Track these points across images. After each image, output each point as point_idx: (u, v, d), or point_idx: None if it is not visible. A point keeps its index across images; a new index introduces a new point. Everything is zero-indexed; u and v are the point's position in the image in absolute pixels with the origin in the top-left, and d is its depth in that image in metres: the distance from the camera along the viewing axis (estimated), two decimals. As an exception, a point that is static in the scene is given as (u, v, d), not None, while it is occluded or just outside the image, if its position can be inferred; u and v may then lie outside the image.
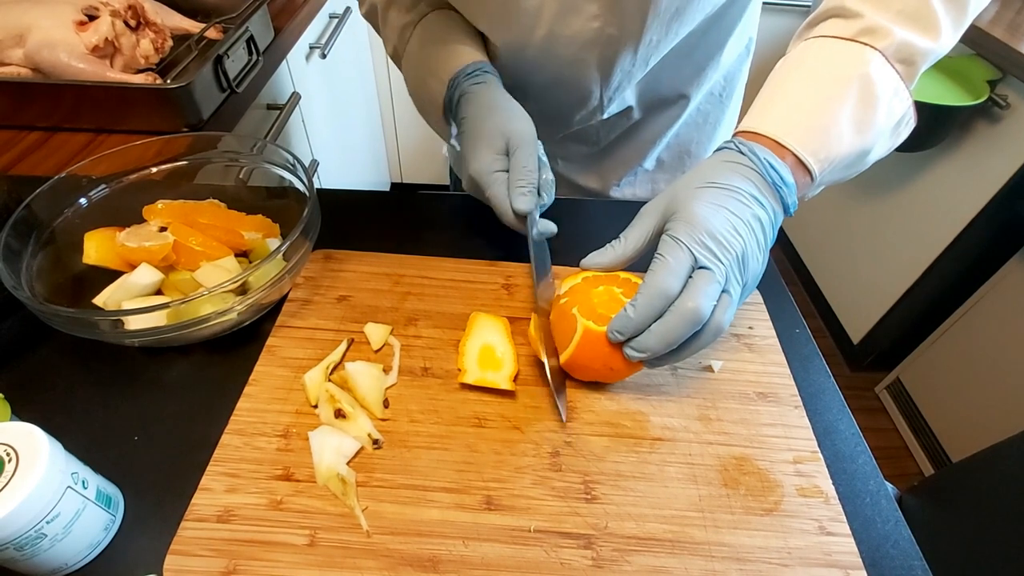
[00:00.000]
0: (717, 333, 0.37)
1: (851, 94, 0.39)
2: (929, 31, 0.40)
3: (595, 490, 0.37)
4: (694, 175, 0.40)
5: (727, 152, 0.40)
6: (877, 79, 0.39)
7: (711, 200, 0.38)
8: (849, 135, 0.39)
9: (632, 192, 0.73)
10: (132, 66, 0.75)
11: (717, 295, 0.36)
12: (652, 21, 0.49)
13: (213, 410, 0.40)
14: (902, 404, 1.51)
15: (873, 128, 0.40)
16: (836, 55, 0.40)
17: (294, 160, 0.49)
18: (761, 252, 0.38)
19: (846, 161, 0.40)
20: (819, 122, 0.39)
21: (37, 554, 0.30)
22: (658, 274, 0.36)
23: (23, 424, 0.31)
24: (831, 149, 0.39)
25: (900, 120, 0.42)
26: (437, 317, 0.48)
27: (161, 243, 0.44)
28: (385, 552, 0.34)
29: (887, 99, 0.40)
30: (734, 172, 0.39)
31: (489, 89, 0.51)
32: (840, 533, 0.36)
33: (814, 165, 0.39)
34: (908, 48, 0.40)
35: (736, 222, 0.37)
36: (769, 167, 0.38)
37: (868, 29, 0.40)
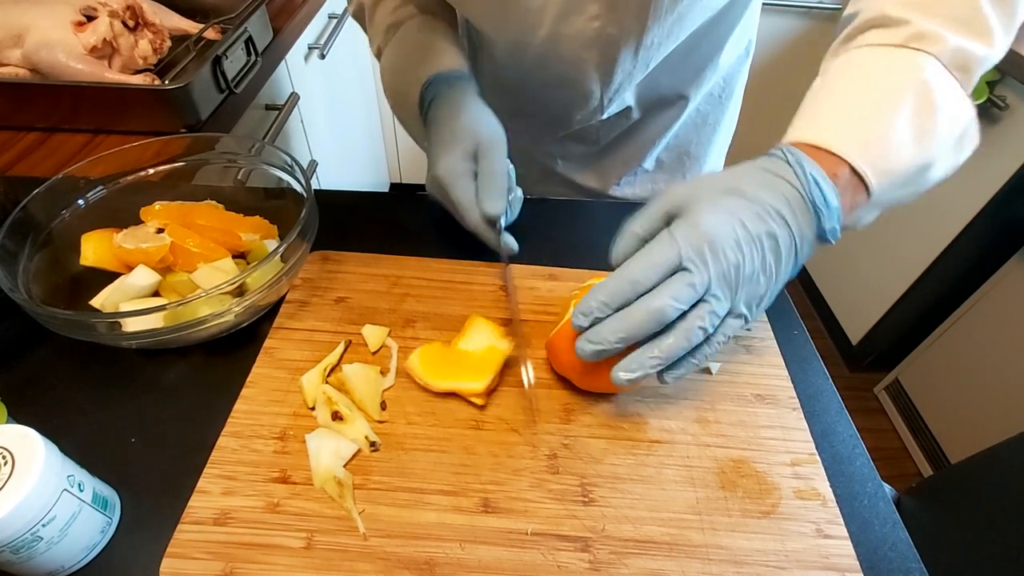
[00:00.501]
0: (687, 338, 0.34)
1: (908, 100, 0.35)
2: (983, 36, 0.37)
3: (592, 493, 0.37)
4: (726, 176, 0.37)
5: (771, 159, 0.37)
6: (935, 85, 0.36)
7: (726, 207, 0.35)
8: (909, 146, 0.35)
9: (632, 192, 0.73)
10: (130, 67, 0.75)
11: (689, 300, 0.34)
12: (653, 22, 0.49)
13: (210, 412, 0.40)
14: (901, 405, 1.51)
15: (934, 138, 0.36)
16: (887, 62, 0.37)
17: (292, 161, 0.49)
18: (766, 274, 0.35)
19: (906, 175, 0.36)
20: (876, 130, 0.35)
21: (33, 557, 0.30)
22: (636, 261, 0.35)
23: (19, 427, 0.31)
24: (890, 160, 0.35)
25: (963, 132, 0.38)
26: (435, 319, 0.48)
27: (158, 245, 0.44)
28: (382, 555, 0.34)
29: (947, 107, 0.36)
30: (768, 184, 0.35)
31: (463, 94, 0.51)
32: (838, 536, 0.36)
33: (872, 178, 0.35)
34: (963, 54, 0.36)
35: (743, 235, 0.34)
36: (813, 184, 0.35)
37: (919, 35, 0.36)
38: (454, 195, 0.47)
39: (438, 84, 0.52)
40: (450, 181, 0.47)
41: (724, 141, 0.73)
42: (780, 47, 1.66)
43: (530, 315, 0.49)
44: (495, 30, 0.53)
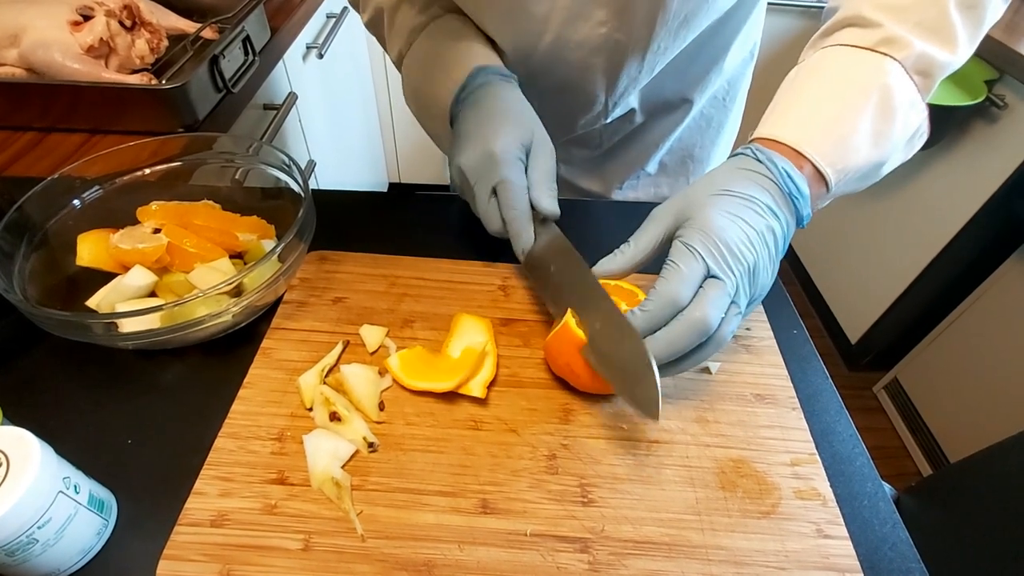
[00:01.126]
0: (719, 345, 0.36)
1: (870, 104, 0.38)
2: (947, 43, 0.39)
3: (592, 493, 0.37)
4: (708, 181, 0.39)
5: (743, 159, 0.40)
6: (896, 90, 0.39)
7: (726, 209, 0.37)
8: (867, 146, 0.39)
9: (634, 195, 0.72)
10: (127, 66, 0.75)
11: (726, 307, 0.35)
12: (660, 28, 0.49)
13: (207, 413, 0.40)
14: (900, 404, 1.52)
15: (890, 139, 0.39)
16: (855, 64, 0.40)
17: (289, 161, 0.49)
18: (771, 265, 0.38)
19: (861, 172, 0.40)
20: (838, 132, 0.39)
21: (29, 559, 0.30)
22: (670, 282, 0.36)
23: (14, 429, 0.31)
24: (848, 160, 0.39)
25: (915, 132, 0.41)
26: (433, 319, 0.47)
27: (155, 245, 0.44)
28: (380, 556, 0.34)
29: (904, 110, 0.39)
30: (750, 180, 0.38)
31: (515, 87, 0.49)
32: (838, 536, 0.36)
33: (831, 176, 0.38)
34: (926, 60, 0.39)
35: (751, 233, 0.36)
36: (787, 177, 0.38)
37: (887, 39, 0.39)
38: (506, 175, 0.43)
39: (487, 75, 0.48)
40: (504, 159, 0.43)
41: (727, 144, 0.73)
42: (784, 47, 1.65)
43: (529, 315, 0.48)
44: (500, 34, 0.53)
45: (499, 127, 0.44)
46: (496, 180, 0.43)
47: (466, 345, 0.44)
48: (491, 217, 0.44)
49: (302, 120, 1.13)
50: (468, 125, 0.46)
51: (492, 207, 0.44)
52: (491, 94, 0.47)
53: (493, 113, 0.46)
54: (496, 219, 0.44)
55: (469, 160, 0.45)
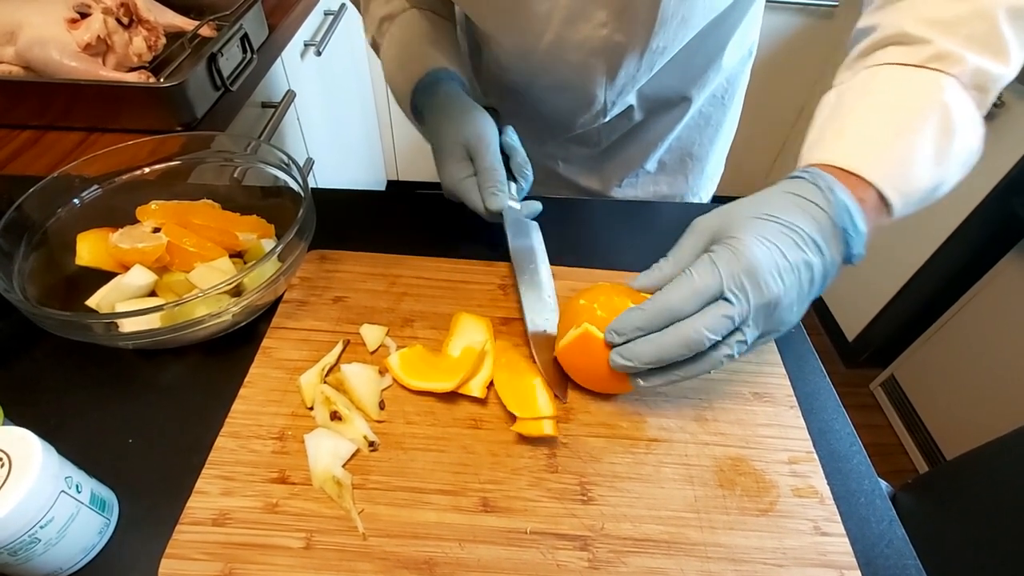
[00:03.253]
0: (714, 366, 0.35)
1: (931, 124, 0.36)
2: (1000, 55, 0.37)
3: (591, 491, 0.38)
4: (757, 201, 0.37)
5: (799, 183, 0.37)
6: (954, 107, 0.36)
7: (763, 234, 0.35)
8: (930, 168, 0.36)
9: (633, 193, 0.73)
10: (125, 64, 0.74)
11: (726, 331, 0.34)
12: (660, 28, 0.49)
13: (208, 413, 0.40)
14: (897, 401, 1.52)
15: (951, 159, 0.37)
16: (909, 82, 0.37)
17: (288, 160, 0.49)
18: (799, 302, 0.35)
19: (923, 195, 0.37)
20: (900, 154, 0.36)
21: (31, 559, 0.30)
22: (676, 290, 0.35)
23: (16, 429, 0.31)
24: (911, 183, 0.36)
25: (973, 150, 0.39)
26: (433, 318, 0.47)
27: (155, 244, 0.44)
28: (381, 555, 0.34)
29: (964, 128, 0.37)
30: (801, 209, 0.35)
31: (443, 99, 0.52)
32: (835, 533, 0.37)
33: (895, 201, 0.36)
34: (982, 74, 0.37)
35: (783, 265, 0.34)
36: (844, 211, 0.35)
37: (939, 55, 0.37)
38: (466, 201, 0.50)
39: (426, 88, 0.53)
40: (457, 191, 0.50)
41: (726, 142, 0.73)
42: (776, 45, 1.66)
43: (528, 314, 0.48)
44: (500, 33, 0.53)
45: (440, 159, 0.51)
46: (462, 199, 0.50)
47: (466, 344, 0.44)
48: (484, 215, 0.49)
49: (300, 118, 1.13)
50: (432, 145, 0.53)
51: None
52: (430, 114, 0.53)
53: (435, 141, 0.52)
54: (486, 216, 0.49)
55: (444, 191, 0.53)
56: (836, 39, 1.64)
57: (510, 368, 0.43)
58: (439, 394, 0.42)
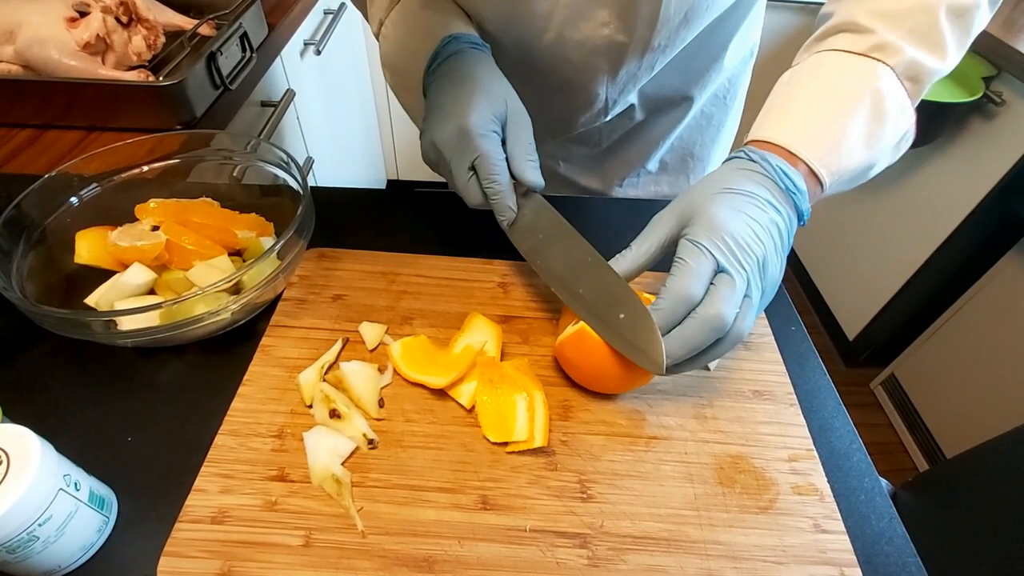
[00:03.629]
0: (737, 340, 0.36)
1: (863, 108, 0.39)
2: (937, 51, 0.40)
3: (591, 489, 0.37)
4: (708, 182, 0.40)
5: (739, 160, 0.40)
6: (887, 94, 0.39)
7: (729, 205, 0.37)
8: (859, 149, 0.40)
9: (634, 193, 0.72)
10: (124, 63, 0.74)
11: (739, 301, 0.35)
12: (662, 27, 0.49)
13: (207, 410, 0.40)
14: (897, 400, 1.52)
15: (881, 142, 0.40)
16: (849, 69, 0.41)
17: (288, 158, 0.48)
18: (779, 258, 0.38)
19: (854, 174, 0.41)
20: (832, 135, 0.39)
21: (30, 556, 0.30)
22: (680, 278, 0.35)
23: (14, 426, 0.31)
24: (842, 162, 0.39)
25: (903, 136, 0.42)
26: (432, 316, 0.47)
27: (154, 242, 0.44)
28: (380, 552, 0.34)
29: (895, 115, 0.40)
30: (748, 179, 0.38)
31: (487, 59, 0.47)
32: (835, 531, 0.37)
33: (826, 176, 0.39)
34: (917, 66, 0.40)
35: (756, 227, 0.37)
36: (782, 173, 0.38)
37: (880, 45, 0.40)
38: (484, 148, 0.41)
39: (459, 42, 0.47)
40: (478, 133, 0.41)
41: (727, 142, 0.73)
42: (780, 44, 1.65)
43: (528, 312, 0.48)
44: (501, 31, 0.53)
45: (471, 100, 0.42)
46: (474, 155, 0.41)
47: (468, 343, 0.44)
48: (471, 192, 0.43)
49: (300, 117, 1.13)
50: (441, 98, 0.44)
51: (472, 183, 0.42)
52: (462, 65, 0.45)
53: (463, 86, 0.43)
54: (476, 193, 0.43)
55: (443, 135, 0.43)
56: (836, 38, 1.64)
57: (493, 386, 0.41)
58: (437, 391, 0.42)
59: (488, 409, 0.40)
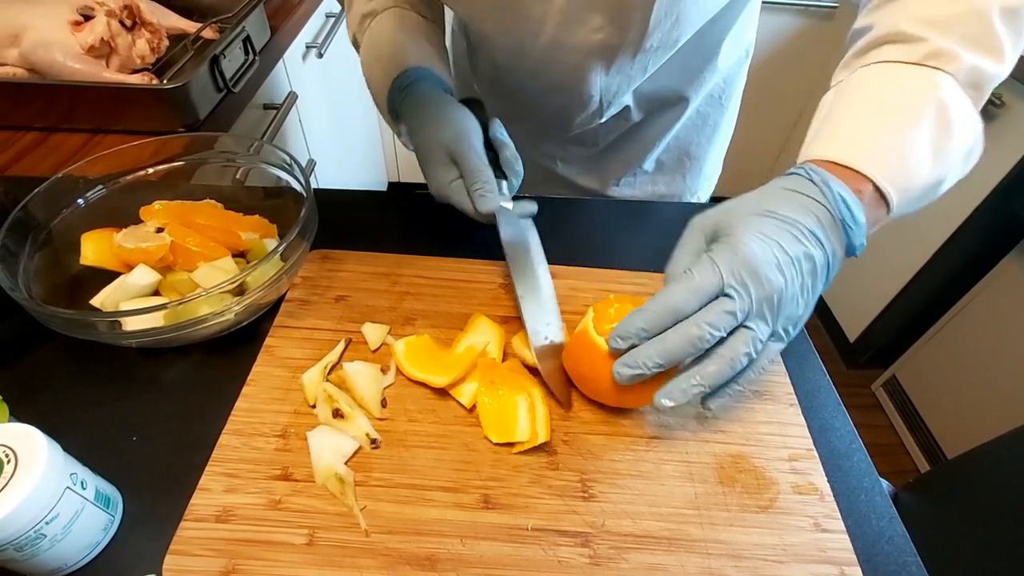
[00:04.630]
0: (731, 366, 0.33)
1: (928, 119, 0.36)
2: (994, 54, 0.38)
3: (592, 488, 0.38)
4: (756, 198, 0.37)
5: (796, 179, 0.37)
6: (951, 103, 0.36)
7: (762, 230, 0.35)
8: (928, 163, 0.36)
9: (631, 192, 0.73)
10: (128, 66, 0.75)
11: (729, 326, 0.33)
12: (653, 30, 0.49)
13: (211, 410, 0.40)
14: (898, 401, 1.52)
15: (949, 155, 0.37)
16: (906, 79, 0.38)
17: (291, 160, 0.49)
18: (804, 295, 0.35)
19: (923, 190, 0.37)
20: (898, 149, 0.36)
21: (36, 554, 0.30)
22: (675, 288, 0.34)
23: (22, 425, 0.31)
24: (910, 178, 0.36)
25: (971, 148, 0.39)
26: (435, 317, 0.48)
27: (158, 244, 0.44)
28: (383, 551, 0.34)
29: (962, 124, 0.37)
30: (798, 203, 0.35)
31: (421, 99, 0.51)
32: (835, 530, 0.37)
33: (893, 195, 0.36)
34: (977, 72, 0.37)
35: (783, 259, 0.34)
36: (841, 202, 0.35)
37: (935, 53, 0.37)
38: (456, 205, 0.48)
39: (403, 90, 0.52)
40: (445, 195, 0.48)
41: (723, 142, 0.73)
42: (775, 46, 1.66)
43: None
44: (496, 34, 0.53)
45: (425, 164, 0.50)
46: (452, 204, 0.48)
47: (470, 344, 0.44)
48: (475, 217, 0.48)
49: (302, 119, 1.13)
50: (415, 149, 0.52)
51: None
52: (411, 116, 0.51)
53: (418, 146, 0.51)
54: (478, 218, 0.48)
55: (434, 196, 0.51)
56: (836, 40, 1.64)
57: (494, 387, 0.41)
58: (439, 390, 0.42)
59: (490, 410, 0.40)
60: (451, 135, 0.48)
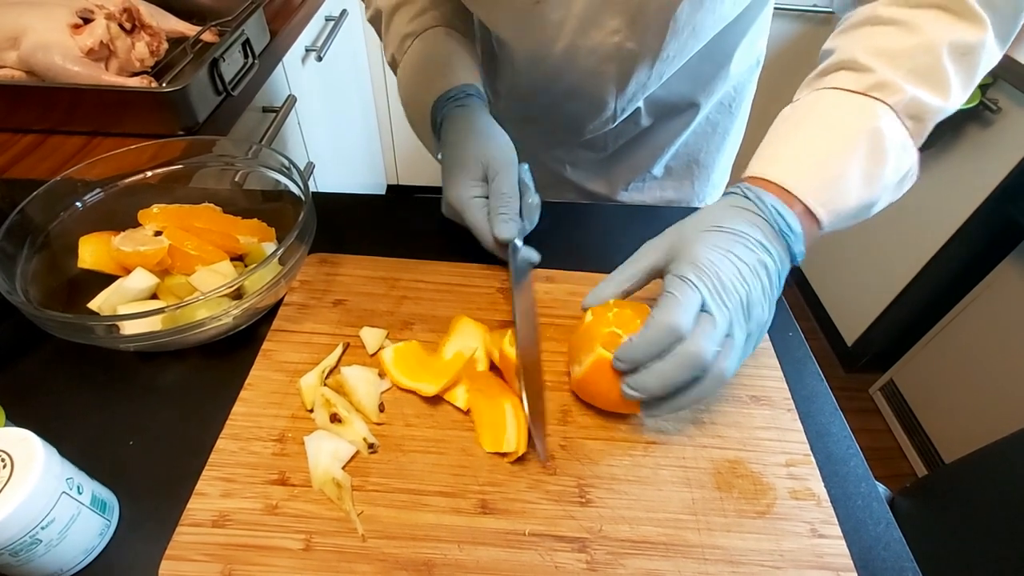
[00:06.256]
0: (719, 381, 0.36)
1: (861, 147, 0.39)
2: (939, 90, 0.40)
3: (589, 493, 0.38)
4: (699, 218, 0.40)
5: (733, 197, 0.40)
6: (887, 133, 0.39)
7: (717, 244, 0.37)
8: (857, 188, 0.39)
9: (640, 198, 0.73)
10: (127, 69, 0.75)
11: (720, 340, 0.35)
12: (671, 38, 0.49)
13: (208, 414, 0.40)
14: (895, 405, 1.52)
15: (880, 181, 0.40)
16: (847, 107, 0.40)
17: (289, 164, 0.49)
18: (766, 300, 0.37)
19: (852, 212, 0.40)
20: (829, 173, 0.39)
21: (32, 560, 0.30)
22: (668, 309, 0.35)
23: (18, 430, 0.31)
24: (839, 201, 0.39)
25: (905, 174, 0.42)
26: (432, 321, 0.48)
27: (156, 247, 0.44)
28: (380, 556, 0.34)
29: (895, 153, 0.39)
30: (740, 217, 0.38)
31: (470, 113, 0.51)
32: (832, 535, 0.37)
33: (823, 215, 0.38)
34: (918, 105, 0.39)
35: (742, 267, 0.36)
36: (776, 214, 0.38)
37: (879, 84, 0.39)
38: (468, 220, 0.48)
39: (449, 102, 0.52)
40: (462, 207, 0.48)
41: (732, 150, 0.74)
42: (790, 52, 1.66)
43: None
44: (515, 39, 0.54)
45: (451, 175, 0.49)
46: (464, 224, 0.49)
47: (458, 349, 0.44)
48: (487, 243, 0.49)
49: (301, 123, 1.13)
50: (443, 161, 0.51)
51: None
52: (450, 129, 0.51)
53: (450, 155, 0.50)
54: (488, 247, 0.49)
55: (444, 208, 0.52)
56: (834, 45, 1.65)
57: (483, 396, 0.41)
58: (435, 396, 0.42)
59: (484, 420, 0.40)
60: (494, 153, 0.48)
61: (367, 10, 0.63)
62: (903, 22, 0.40)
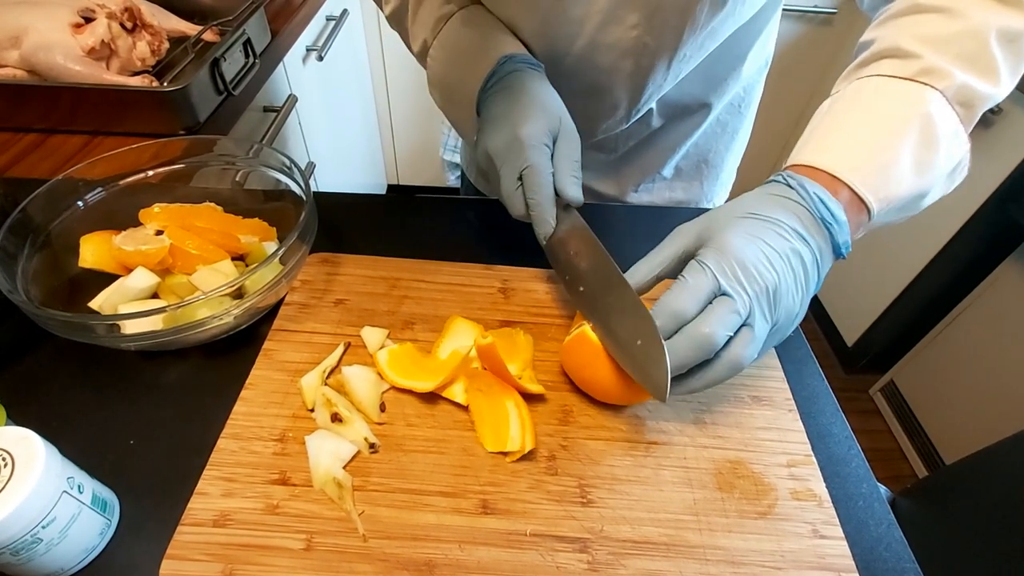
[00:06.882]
0: (733, 367, 0.35)
1: (912, 132, 0.37)
2: (988, 75, 0.39)
3: (591, 494, 0.38)
4: (736, 204, 0.39)
5: (774, 185, 0.39)
6: (938, 119, 0.37)
7: (748, 230, 0.36)
8: (909, 175, 0.37)
9: (649, 199, 0.73)
10: (128, 68, 0.75)
11: (735, 325, 0.34)
12: (688, 36, 0.49)
13: (209, 414, 0.40)
14: (896, 406, 1.52)
15: (932, 170, 0.38)
16: (895, 93, 0.39)
17: (290, 163, 0.49)
18: (799, 290, 0.36)
19: (903, 202, 0.38)
20: (879, 159, 0.37)
21: (33, 559, 0.30)
22: (674, 293, 0.35)
23: (19, 429, 0.31)
24: (890, 188, 0.37)
25: (957, 164, 0.40)
26: (434, 321, 0.48)
27: (157, 247, 0.44)
28: (381, 556, 0.34)
29: (948, 140, 0.38)
30: (778, 205, 0.37)
31: (543, 77, 0.49)
32: (833, 536, 0.37)
33: (873, 203, 0.37)
34: (968, 91, 0.38)
35: (771, 254, 0.35)
36: (819, 202, 0.36)
37: (927, 69, 0.38)
38: (533, 159, 0.44)
39: (514, 63, 0.50)
40: (531, 144, 0.44)
41: (740, 149, 0.74)
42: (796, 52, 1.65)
43: (528, 318, 0.49)
44: (534, 37, 0.53)
45: (527, 113, 0.45)
46: (523, 165, 0.44)
47: (454, 348, 0.44)
48: (515, 201, 0.45)
49: (302, 122, 1.13)
50: (496, 110, 0.47)
51: (518, 193, 0.45)
52: (519, 82, 0.48)
53: (521, 100, 0.46)
54: (520, 203, 0.45)
55: (497, 144, 0.46)
56: (834, 45, 1.65)
57: (484, 395, 0.41)
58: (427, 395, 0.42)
59: (485, 419, 0.40)
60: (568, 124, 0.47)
61: (385, 7, 0.60)
62: (948, 9, 0.39)
